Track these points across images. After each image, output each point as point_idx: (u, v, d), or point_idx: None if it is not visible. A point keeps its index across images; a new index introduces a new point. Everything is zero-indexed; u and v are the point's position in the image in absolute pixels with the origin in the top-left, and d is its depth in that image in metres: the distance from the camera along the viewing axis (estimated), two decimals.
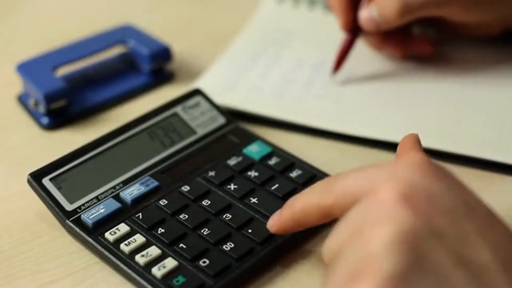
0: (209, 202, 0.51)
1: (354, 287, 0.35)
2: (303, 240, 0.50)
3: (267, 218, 0.50)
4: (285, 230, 0.46)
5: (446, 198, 0.38)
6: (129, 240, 0.48)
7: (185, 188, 0.53)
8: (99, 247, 0.48)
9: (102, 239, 0.49)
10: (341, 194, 0.41)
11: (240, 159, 0.55)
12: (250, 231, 0.49)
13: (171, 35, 0.71)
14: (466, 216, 0.37)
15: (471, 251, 0.36)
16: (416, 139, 0.46)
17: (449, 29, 0.67)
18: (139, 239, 0.48)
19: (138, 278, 0.46)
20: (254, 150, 0.56)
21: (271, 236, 0.49)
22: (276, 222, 0.45)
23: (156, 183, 0.53)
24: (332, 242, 0.39)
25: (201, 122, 0.58)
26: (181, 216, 0.50)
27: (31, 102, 0.63)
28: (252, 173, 0.54)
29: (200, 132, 0.58)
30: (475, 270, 0.35)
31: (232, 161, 0.55)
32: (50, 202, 0.50)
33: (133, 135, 0.56)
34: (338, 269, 0.37)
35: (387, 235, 0.35)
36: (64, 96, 0.61)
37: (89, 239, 0.49)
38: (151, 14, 0.79)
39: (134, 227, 0.49)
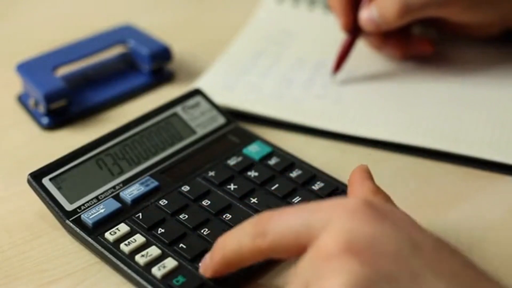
0: (209, 202, 0.51)
1: None
2: None
3: None
4: (220, 274, 0.44)
5: (390, 239, 0.37)
6: (129, 240, 0.48)
7: (185, 188, 0.53)
8: (99, 247, 0.48)
9: (102, 239, 0.49)
10: (278, 240, 0.40)
11: (240, 159, 0.55)
12: None
13: (171, 35, 0.71)
14: (414, 254, 0.37)
15: None
16: (365, 173, 0.46)
17: (449, 29, 0.68)
18: (139, 239, 0.48)
19: (138, 278, 0.46)
20: (254, 150, 0.56)
21: None
22: (208, 266, 0.44)
23: (156, 183, 0.53)
24: None
25: (201, 122, 0.58)
26: (181, 216, 0.50)
27: (31, 102, 0.63)
28: (252, 173, 0.54)
29: (200, 132, 0.58)
30: None
31: (232, 161, 0.55)
32: (50, 202, 0.50)
33: (133, 135, 0.56)
34: None
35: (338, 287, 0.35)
36: (64, 96, 0.61)
37: (89, 239, 0.49)
38: (151, 14, 0.79)
39: (134, 227, 0.49)
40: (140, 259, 0.47)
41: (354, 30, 0.65)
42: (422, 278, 0.36)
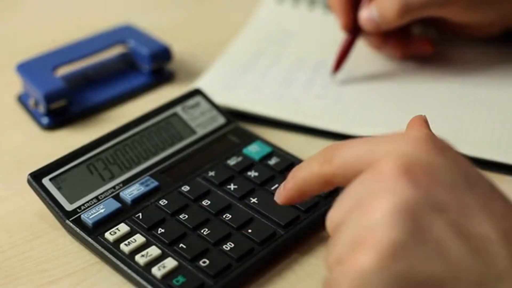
0: (209, 202, 0.51)
1: (354, 256, 0.36)
2: (303, 240, 0.50)
3: (267, 218, 0.50)
4: (291, 201, 0.45)
5: (447, 172, 0.38)
6: (129, 240, 0.48)
7: (185, 188, 0.53)
8: (99, 247, 0.48)
9: (102, 239, 0.49)
10: (342, 164, 0.41)
11: (240, 159, 0.55)
12: (250, 231, 0.49)
13: (171, 35, 0.71)
14: (467, 190, 0.37)
15: (471, 223, 0.36)
16: (424, 120, 0.46)
17: (449, 29, 0.68)
18: (139, 239, 0.48)
19: (138, 278, 0.46)
20: (254, 150, 0.56)
21: (271, 236, 0.49)
22: (281, 193, 0.45)
23: (156, 183, 0.53)
24: (334, 213, 0.39)
25: (201, 122, 0.58)
26: (181, 216, 0.50)
27: (31, 102, 0.63)
28: (252, 173, 0.54)
29: (200, 132, 0.58)
30: (475, 243, 0.36)
31: (232, 161, 0.55)
32: (50, 202, 0.50)
33: (133, 135, 0.56)
34: (339, 239, 0.38)
35: (387, 207, 0.36)
36: (64, 96, 0.61)
37: (89, 239, 0.49)
38: (151, 14, 0.79)
39: (134, 227, 0.49)
40: (140, 259, 0.47)
41: (354, 30, 0.65)
42: (471, 212, 0.37)
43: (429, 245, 0.36)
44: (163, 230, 0.49)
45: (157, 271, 0.46)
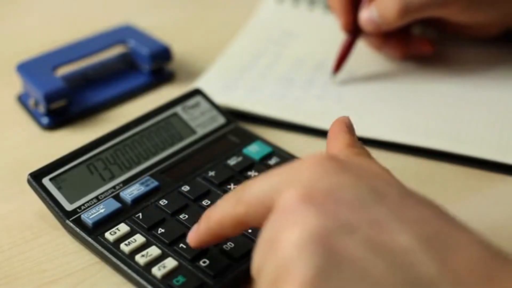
0: (209, 202, 0.51)
1: None
2: None
3: None
4: (204, 244, 0.45)
5: (350, 190, 0.37)
6: (129, 240, 0.48)
7: (185, 188, 0.53)
8: (99, 247, 0.48)
9: (102, 239, 0.49)
10: (251, 203, 0.40)
11: (240, 159, 0.55)
12: (250, 231, 0.49)
13: (171, 35, 0.71)
14: (375, 203, 0.36)
15: (386, 236, 0.35)
16: (346, 124, 0.46)
17: (449, 29, 0.68)
18: (139, 239, 0.48)
19: (138, 278, 0.46)
20: (254, 150, 0.56)
21: None
22: (194, 236, 0.45)
23: (156, 183, 0.53)
24: (254, 260, 0.39)
25: (201, 122, 0.58)
26: (181, 216, 0.50)
27: (31, 102, 0.63)
28: (252, 173, 0.54)
29: (200, 132, 0.58)
30: (395, 255, 0.34)
31: (232, 161, 0.55)
32: (50, 202, 0.50)
33: (133, 135, 0.56)
34: (261, 280, 0.37)
35: (295, 239, 0.35)
36: (64, 96, 0.61)
37: (89, 239, 0.49)
38: (151, 14, 0.79)
39: (134, 227, 0.49)
40: (140, 259, 0.47)
41: (354, 30, 0.65)
42: (384, 225, 0.35)
43: (347, 268, 0.34)
44: (163, 230, 0.49)
45: (157, 271, 0.46)
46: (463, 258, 0.35)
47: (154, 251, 0.47)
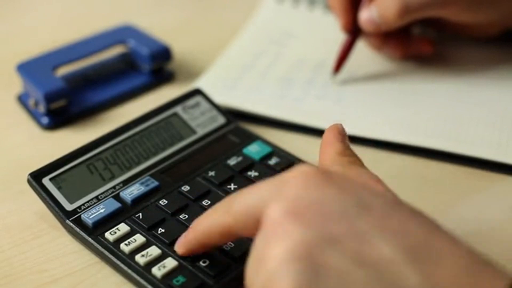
0: (209, 202, 0.51)
1: None
2: None
3: None
4: (192, 252, 0.45)
5: (334, 203, 0.37)
6: (129, 240, 0.48)
7: (185, 188, 0.53)
8: (99, 247, 0.48)
9: (102, 239, 0.49)
10: (239, 213, 0.40)
11: (240, 159, 0.55)
12: None
13: (171, 35, 0.71)
14: (359, 215, 0.37)
15: (370, 248, 0.35)
16: (339, 132, 0.46)
17: (449, 29, 0.68)
18: (139, 239, 0.48)
19: (138, 278, 0.46)
20: (254, 150, 0.56)
21: None
22: (181, 244, 0.45)
23: (156, 183, 0.53)
24: (247, 276, 0.39)
25: (201, 122, 0.58)
26: (181, 216, 0.50)
27: (31, 102, 0.63)
28: (252, 173, 0.54)
29: (200, 132, 0.58)
30: (377, 267, 0.35)
31: (232, 161, 0.55)
32: (50, 202, 0.50)
33: (133, 135, 0.56)
34: None
35: (281, 253, 0.36)
36: (64, 96, 0.61)
37: (89, 239, 0.49)
38: (151, 14, 0.79)
39: (134, 227, 0.49)
40: (140, 259, 0.47)
41: (354, 31, 0.65)
42: (367, 237, 0.36)
43: (331, 280, 0.35)
44: (163, 230, 0.49)
45: (157, 271, 0.46)
46: (447, 269, 0.35)
47: (154, 251, 0.47)
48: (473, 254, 0.36)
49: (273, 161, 0.55)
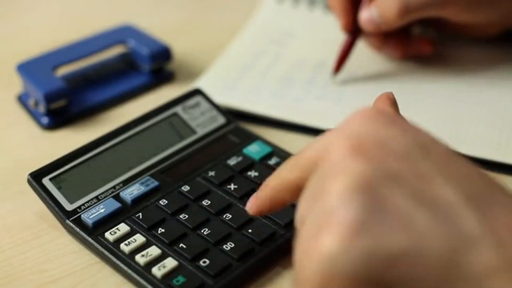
0: (209, 202, 0.51)
1: (317, 241, 0.35)
2: None
3: (267, 218, 0.50)
4: (263, 211, 0.45)
5: (398, 142, 0.37)
6: (129, 240, 0.48)
7: (185, 188, 0.53)
8: (99, 247, 0.48)
9: (102, 239, 0.49)
10: (306, 165, 0.40)
11: (240, 159, 0.55)
12: (250, 231, 0.49)
13: (171, 35, 0.71)
14: (422, 156, 0.37)
15: (431, 189, 0.36)
16: (389, 98, 0.46)
17: (449, 29, 0.68)
18: (139, 239, 0.48)
19: (138, 278, 0.46)
20: (254, 150, 0.56)
21: (271, 236, 0.49)
22: (253, 203, 0.45)
23: (156, 183, 0.53)
24: (299, 210, 0.39)
25: (201, 122, 0.58)
26: (181, 216, 0.50)
27: (31, 102, 0.63)
28: (252, 173, 0.54)
29: (200, 132, 0.58)
30: (438, 208, 0.35)
31: (232, 161, 0.55)
32: (50, 202, 0.50)
33: (133, 135, 0.56)
34: (304, 231, 0.37)
35: (342, 187, 0.36)
36: (64, 96, 0.61)
37: (89, 239, 0.49)
38: (151, 14, 0.79)
39: (134, 227, 0.49)
40: (140, 259, 0.47)
41: (354, 31, 0.65)
42: (430, 178, 0.36)
43: (390, 216, 0.35)
44: (163, 230, 0.49)
45: (157, 271, 0.46)
46: (505, 218, 0.35)
47: (154, 251, 0.47)
48: None
49: (273, 161, 0.55)
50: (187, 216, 0.50)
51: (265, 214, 0.47)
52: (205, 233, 0.49)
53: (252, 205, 0.45)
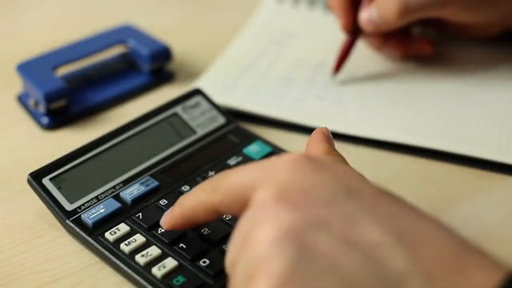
0: None
1: None
2: None
3: None
4: (177, 228, 0.46)
5: (324, 188, 0.38)
6: (129, 240, 0.48)
7: (185, 188, 0.53)
8: (99, 247, 0.48)
9: (102, 239, 0.49)
10: (227, 192, 0.41)
11: (240, 159, 0.55)
12: None
13: (171, 35, 0.71)
14: (348, 200, 0.37)
15: (359, 231, 0.36)
16: (324, 134, 0.47)
17: (449, 29, 0.68)
18: (139, 239, 0.48)
19: (138, 278, 0.46)
20: (254, 150, 0.56)
21: None
22: (167, 219, 0.46)
23: (156, 183, 0.53)
24: (229, 254, 0.39)
25: (201, 122, 0.58)
26: None
27: (31, 102, 0.63)
28: None
29: (200, 132, 0.58)
30: (366, 249, 0.35)
31: (232, 161, 0.55)
32: (50, 202, 0.50)
33: (133, 135, 0.56)
34: (235, 278, 0.38)
35: (270, 235, 0.36)
36: (64, 96, 0.61)
37: (89, 239, 0.49)
38: (151, 14, 0.79)
39: (134, 227, 0.49)
40: (140, 259, 0.47)
41: (354, 31, 0.65)
42: (357, 220, 0.36)
43: (319, 262, 0.35)
44: (163, 230, 0.49)
45: (157, 271, 0.46)
46: (433, 252, 0.35)
47: (154, 251, 0.47)
48: (458, 237, 0.37)
49: None
50: None
51: (180, 230, 0.47)
52: (205, 233, 0.49)
53: (164, 222, 0.46)
